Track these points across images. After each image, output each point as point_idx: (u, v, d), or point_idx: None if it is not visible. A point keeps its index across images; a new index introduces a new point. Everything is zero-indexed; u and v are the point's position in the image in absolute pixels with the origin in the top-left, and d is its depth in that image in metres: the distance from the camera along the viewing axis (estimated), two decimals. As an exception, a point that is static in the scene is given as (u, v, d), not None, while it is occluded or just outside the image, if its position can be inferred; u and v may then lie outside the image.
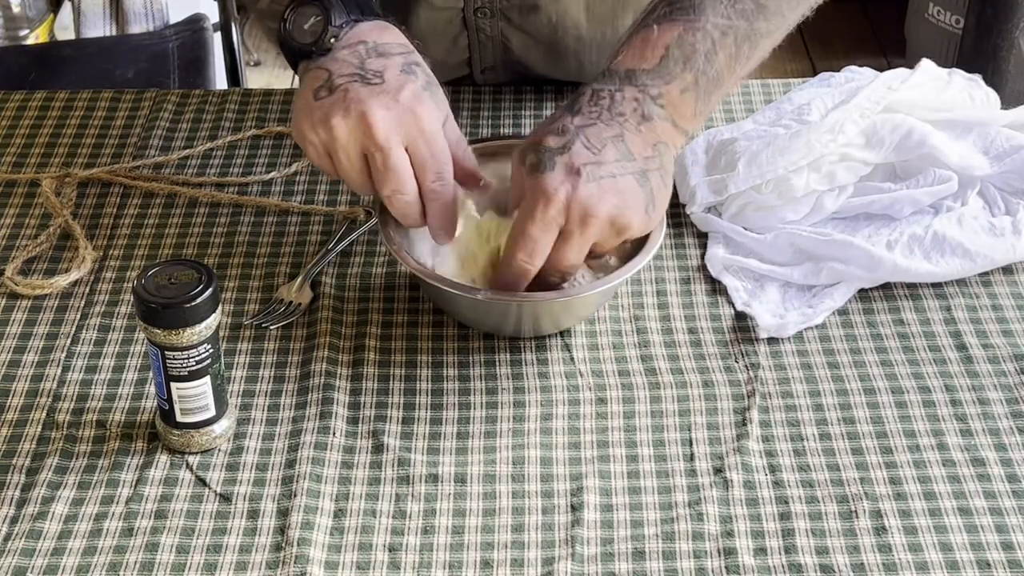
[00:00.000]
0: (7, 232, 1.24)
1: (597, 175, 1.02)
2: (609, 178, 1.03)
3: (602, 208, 1.02)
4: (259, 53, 3.21)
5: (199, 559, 0.94)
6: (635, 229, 1.05)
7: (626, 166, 1.04)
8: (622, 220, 1.03)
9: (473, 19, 1.34)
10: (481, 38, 1.35)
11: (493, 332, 1.12)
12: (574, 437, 1.04)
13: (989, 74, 1.75)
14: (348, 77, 1.05)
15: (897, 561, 0.94)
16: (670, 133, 1.07)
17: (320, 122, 1.04)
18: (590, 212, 1.02)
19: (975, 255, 1.16)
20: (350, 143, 1.04)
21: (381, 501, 0.98)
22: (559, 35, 1.34)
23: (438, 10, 1.33)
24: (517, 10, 1.33)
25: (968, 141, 1.24)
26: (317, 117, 1.05)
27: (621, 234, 1.04)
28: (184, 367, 0.98)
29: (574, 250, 1.04)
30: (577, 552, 0.94)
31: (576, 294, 1.07)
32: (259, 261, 1.20)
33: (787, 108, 1.27)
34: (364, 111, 1.03)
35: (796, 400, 1.06)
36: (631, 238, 1.06)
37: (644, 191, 1.04)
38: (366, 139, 1.03)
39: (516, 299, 1.07)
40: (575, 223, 1.02)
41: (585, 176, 1.02)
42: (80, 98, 1.41)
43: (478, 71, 1.39)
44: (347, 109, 1.04)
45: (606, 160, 1.03)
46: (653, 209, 1.05)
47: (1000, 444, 1.03)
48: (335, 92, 1.05)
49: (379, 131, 1.03)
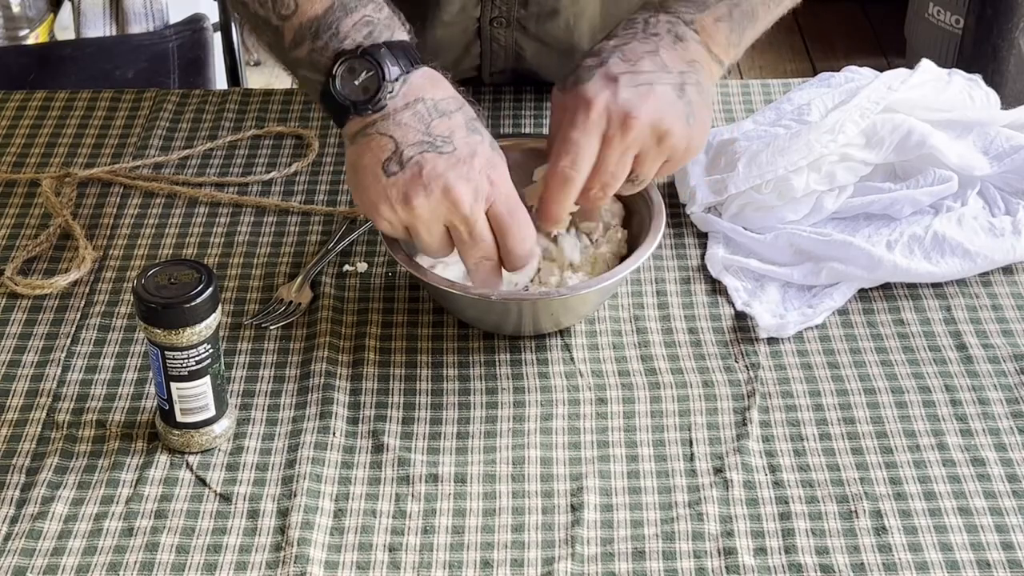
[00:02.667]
0: (7, 232, 1.24)
1: (635, 82, 1.05)
2: (646, 85, 1.05)
3: (642, 111, 1.04)
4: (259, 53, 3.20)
5: (199, 559, 0.94)
6: (677, 137, 1.05)
7: (663, 76, 1.06)
8: (663, 125, 1.04)
9: (488, 29, 1.33)
10: (494, 47, 1.35)
11: (493, 331, 1.12)
12: (574, 437, 1.04)
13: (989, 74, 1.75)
14: (418, 147, 1.02)
15: (897, 561, 0.94)
16: (704, 56, 1.09)
17: (399, 201, 1.02)
18: (631, 114, 1.03)
19: (975, 255, 1.16)
20: (433, 220, 1.02)
21: (381, 501, 0.98)
22: (574, 40, 1.34)
23: (454, 24, 1.32)
24: (535, 19, 1.32)
25: (968, 141, 1.25)
26: (395, 196, 1.02)
27: (663, 143, 1.05)
28: (184, 367, 0.98)
29: (616, 156, 1.05)
30: (577, 552, 0.94)
31: (576, 292, 1.08)
32: (259, 261, 1.20)
33: (787, 108, 1.27)
34: (447, 186, 1.01)
35: (796, 400, 1.06)
36: (674, 154, 1.07)
37: (682, 101, 1.06)
38: (451, 214, 1.02)
39: (517, 298, 1.07)
40: (616, 126, 1.04)
41: (623, 82, 1.04)
42: (80, 98, 1.41)
43: (487, 75, 1.39)
44: (428, 187, 1.01)
45: (643, 70, 1.05)
46: (694, 121, 1.06)
47: (1000, 444, 1.03)
48: (407, 166, 1.01)
49: (464, 204, 1.01)
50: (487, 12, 1.31)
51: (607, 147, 1.05)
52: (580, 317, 1.12)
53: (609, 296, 1.14)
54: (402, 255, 1.08)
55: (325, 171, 1.31)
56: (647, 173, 1.08)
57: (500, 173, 1.04)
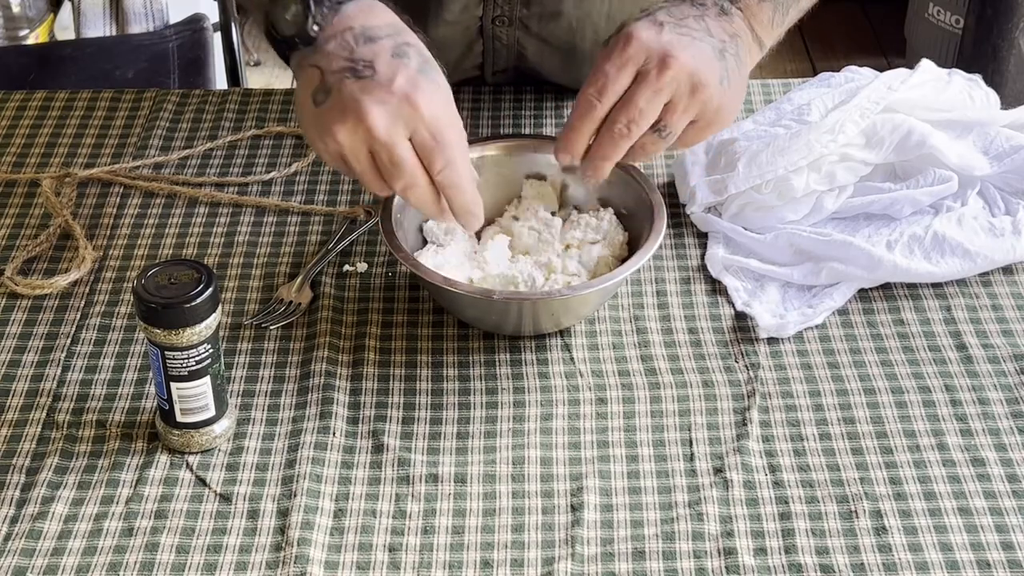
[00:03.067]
0: (7, 232, 1.24)
1: (679, 30, 1.06)
2: (689, 37, 1.06)
3: (683, 54, 1.04)
4: (259, 53, 3.21)
5: (199, 559, 0.94)
6: (710, 92, 1.05)
7: (705, 37, 1.07)
8: (700, 75, 1.05)
9: (490, 28, 1.33)
10: (496, 46, 1.35)
11: (493, 330, 1.12)
12: (574, 437, 1.04)
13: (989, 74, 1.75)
14: (339, 73, 1.01)
15: (897, 561, 0.94)
16: (747, 33, 1.10)
17: (325, 131, 1.01)
18: (671, 53, 1.04)
19: (975, 255, 1.16)
20: (356, 147, 1.01)
21: (381, 501, 0.98)
22: (577, 41, 1.34)
23: (457, 22, 1.32)
24: (537, 18, 1.32)
25: (968, 141, 1.24)
26: (321, 125, 1.02)
27: (696, 93, 1.05)
28: (184, 367, 0.98)
29: (648, 92, 1.05)
30: (577, 552, 0.94)
31: (576, 293, 1.08)
32: (259, 261, 1.20)
33: (787, 108, 1.27)
34: (360, 111, 1.00)
35: (796, 400, 1.06)
36: (705, 113, 1.06)
37: (720, 63, 1.06)
38: (368, 138, 1.00)
39: (518, 297, 1.07)
40: (654, 62, 1.04)
41: (669, 27, 1.06)
42: (80, 98, 1.41)
43: (489, 74, 1.39)
44: (343, 111, 1.00)
45: (688, 26, 1.07)
46: (728, 85, 1.06)
47: (1000, 444, 1.03)
48: (331, 93, 1.01)
49: (378, 128, 1.00)
50: (489, 11, 1.31)
51: (641, 81, 1.05)
52: (580, 317, 1.12)
53: (610, 297, 1.14)
54: (403, 253, 1.08)
55: (325, 171, 1.31)
56: (675, 124, 1.07)
57: (425, 96, 1.01)
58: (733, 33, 1.09)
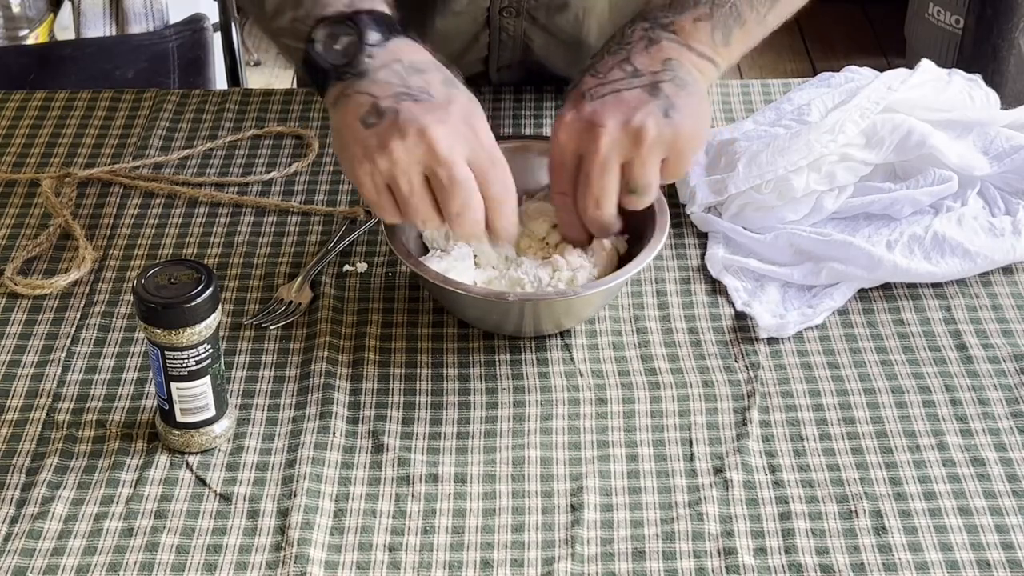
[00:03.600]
0: (7, 232, 1.24)
1: (600, 94, 1.06)
2: (612, 94, 1.06)
3: (608, 117, 1.05)
4: (259, 53, 3.21)
5: (199, 559, 0.94)
6: (654, 132, 1.05)
7: (632, 82, 1.07)
8: (632, 124, 1.05)
9: (497, 19, 1.33)
10: (503, 37, 1.35)
11: (493, 331, 1.12)
12: (574, 437, 1.04)
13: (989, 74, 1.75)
14: (395, 98, 1.02)
15: (897, 561, 0.94)
16: (683, 53, 1.09)
17: (376, 149, 1.00)
18: (596, 122, 1.05)
19: (975, 255, 1.16)
20: (411, 164, 1.00)
21: (381, 501, 0.98)
22: (583, 33, 1.34)
23: (463, 12, 1.32)
24: (544, 9, 1.32)
25: (968, 141, 1.25)
26: (372, 145, 1.01)
27: (640, 141, 1.04)
28: (184, 367, 0.98)
29: (596, 169, 1.05)
30: (577, 552, 0.94)
31: (577, 294, 1.07)
32: (259, 261, 1.20)
33: (787, 108, 1.27)
34: (422, 128, 1.00)
35: (796, 400, 1.06)
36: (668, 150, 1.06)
37: (656, 98, 1.06)
38: (428, 157, 1.00)
39: (520, 299, 1.07)
40: (585, 140, 1.05)
41: (588, 97, 1.06)
42: (80, 98, 1.41)
43: (494, 69, 1.39)
44: (403, 130, 1.00)
45: (610, 80, 1.07)
46: (675, 111, 1.06)
47: (1000, 444, 1.03)
48: (385, 116, 1.01)
49: (441, 146, 1.00)
50: (497, 2, 1.31)
51: (585, 163, 1.06)
52: (581, 319, 1.12)
53: (611, 298, 1.14)
54: (404, 251, 1.08)
55: (325, 171, 1.31)
56: (645, 178, 1.06)
57: (481, 124, 1.04)
58: (664, 59, 1.08)
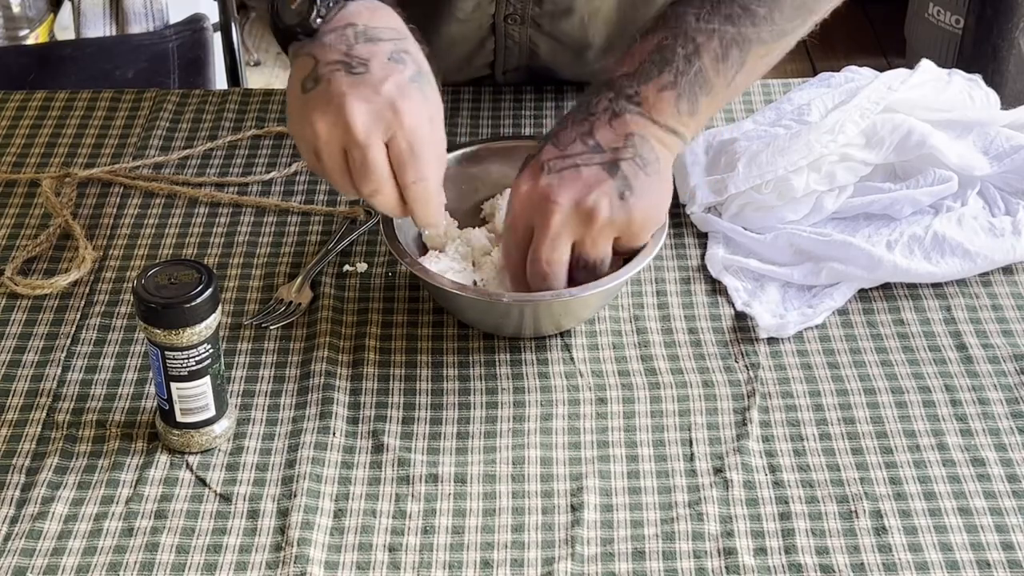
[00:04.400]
0: (7, 232, 1.24)
1: (558, 167, 1.05)
2: (571, 168, 1.05)
3: (562, 194, 1.04)
4: (259, 53, 3.21)
5: (199, 559, 0.94)
6: (607, 213, 1.04)
7: (592, 157, 1.05)
8: (585, 204, 1.04)
9: (503, 26, 1.33)
10: (508, 43, 1.35)
11: (493, 332, 1.12)
12: (574, 437, 1.04)
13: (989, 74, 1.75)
14: (333, 65, 1.01)
15: (897, 561, 0.94)
16: (647, 127, 1.07)
17: (306, 120, 1.01)
18: (549, 198, 1.04)
19: (975, 255, 1.16)
20: (331, 140, 1.00)
21: (381, 501, 0.98)
22: (588, 38, 1.34)
23: (468, 20, 1.32)
24: (549, 16, 1.31)
25: (968, 141, 1.25)
26: (304, 112, 1.01)
27: (592, 222, 1.04)
28: (184, 367, 0.98)
29: (546, 242, 1.04)
30: (577, 552, 0.94)
31: (576, 295, 1.07)
32: (259, 261, 1.20)
33: (787, 108, 1.27)
34: (342, 104, 0.99)
35: (796, 400, 1.06)
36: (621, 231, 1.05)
37: (614, 178, 1.05)
38: (345, 135, 0.99)
39: (519, 300, 1.06)
40: (538, 214, 1.04)
41: (546, 170, 1.05)
42: (80, 98, 1.41)
43: (500, 73, 1.39)
44: (328, 102, 1.00)
45: (571, 153, 1.05)
46: (631, 193, 1.04)
47: (1000, 444, 1.03)
48: (320, 83, 1.01)
49: (357, 126, 0.99)
50: (502, 9, 1.31)
51: (536, 236, 1.05)
52: (580, 320, 1.12)
53: (610, 299, 1.14)
54: (403, 252, 1.08)
55: (325, 171, 1.30)
56: (596, 254, 1.06)
57: (411, 105, 1.01)
58: (626, 134, 1.06)
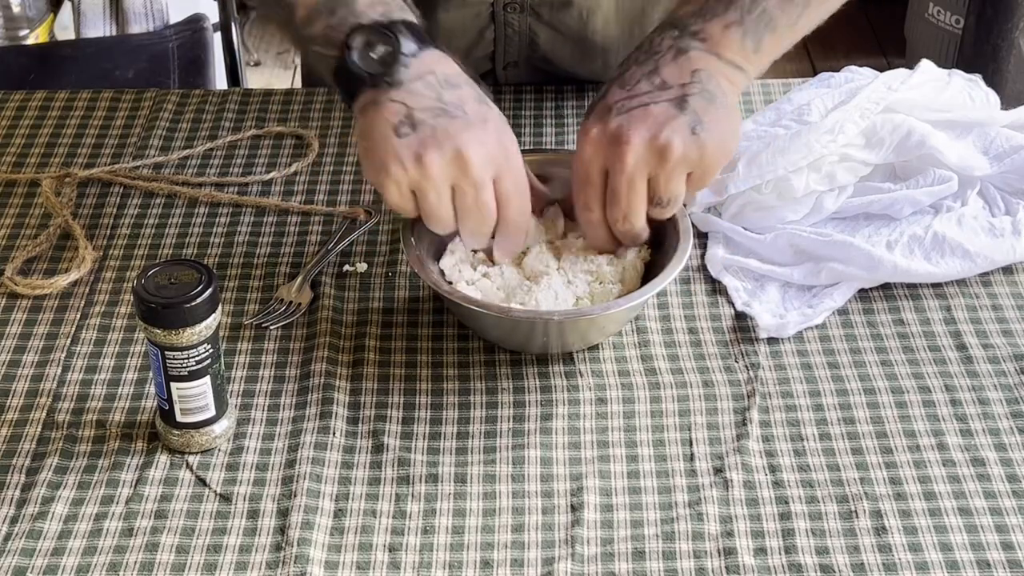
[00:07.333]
0: (7, 232, 1.24)
1: (627, 107, 1.06)
2: (640, 108, 1.06)
3: (634, 133, 1.04)
4: (259, 53, 3.21)
5: (199, 559, 0.94)
6: (680, 149, 1.04)
7: (659, 95, 1.06)
8: (658, 141, 1.04)
9: (502, 14, 1.34)
10: (508, 32, 1.35)
11: (519, 350, 1.10)
12: (574, 437, 1.04)
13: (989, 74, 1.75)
14: (430, 112, 1.03)
15: (897, 561, 0.94)
16: (712, 62, 1.08)
17: (411, 159, 1.02)
18: (622, 138, 1.04)
19: (975, 255, 1.16)
20: (443, 180, 1.03)
21: (381, 501, 0.98)
22: (588, 32, 1.34)
23: (467, 6, 1.33)
24: (548, 6, 1.33)
25: (968, 141, 1.24)
26: (407, 155, 1.02)
27: (666, 158, 1.04)
28: (184, 367, 0.98)
29: (622, 183, 1.05)
30: (577, 552, 0.94)
31: (604, 311, 1.06)
32: (259, 261, 1.20)
33: (787, 108, 1.27)
34: (459, 148, 1.02)
35: (796, 400, 1.06)
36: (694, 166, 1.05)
37: (684, 113, 1.05)
38: (460, 175, 1.02)
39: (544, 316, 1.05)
40: (612, 155, 1.05)
41: (615, 111, 1.06)
42: (80, 98, 1.41)
43: (501, 66, 1.40)
44: (441, 146, 1.02)
45: (638, 93, 1.06)
46: (702, 127, 1.05)
47: (1000, 444, 1.03)
48: (419, 127, 1.02)
49: (475, 167, 1.02)
50: None
51: (611, 177, 1.06)
52: (607, 335, 1.11)
53: (636, 313, 1.13)
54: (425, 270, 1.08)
55: (325, 171, 1.31)
56: (671, 192, 1.07)
57: (513, 146, 1.06)
58: (693, 71, 1.07)
